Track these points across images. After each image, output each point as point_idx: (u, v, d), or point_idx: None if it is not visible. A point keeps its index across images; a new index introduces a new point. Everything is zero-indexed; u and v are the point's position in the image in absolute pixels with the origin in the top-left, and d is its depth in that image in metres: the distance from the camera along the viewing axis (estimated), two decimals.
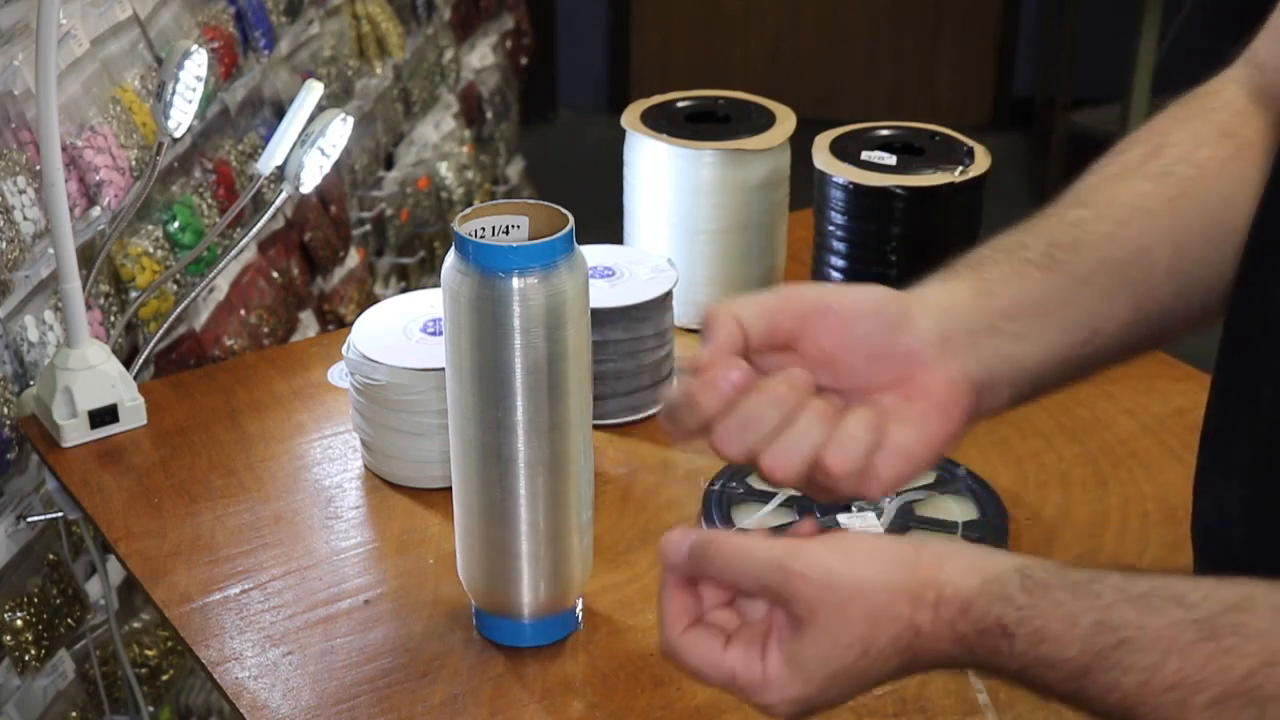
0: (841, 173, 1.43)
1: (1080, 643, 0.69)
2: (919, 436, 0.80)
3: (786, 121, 1.52)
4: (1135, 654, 0.68)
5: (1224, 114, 0.92)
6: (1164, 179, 0.89)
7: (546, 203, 1.02)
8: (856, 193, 1.42)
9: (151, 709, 1.66)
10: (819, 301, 0.82)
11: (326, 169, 1.54)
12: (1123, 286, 0.87)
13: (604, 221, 1.57)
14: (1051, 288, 0.85)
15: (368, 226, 2.56)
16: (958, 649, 0.73)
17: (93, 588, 1.57)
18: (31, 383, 1.46)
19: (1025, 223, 0.88)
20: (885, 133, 1.49)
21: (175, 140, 1.54)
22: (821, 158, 1.45)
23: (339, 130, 1.54)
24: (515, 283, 0.98)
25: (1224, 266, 0.89)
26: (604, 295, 1.33)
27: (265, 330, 1.97)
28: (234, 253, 1.61)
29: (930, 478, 1.27)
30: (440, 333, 1.19)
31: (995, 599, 0.71)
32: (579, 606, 1.13)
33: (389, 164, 2.69)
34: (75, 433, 1.35)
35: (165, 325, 1.60)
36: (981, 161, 1.44)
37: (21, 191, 1.46)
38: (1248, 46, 0.96)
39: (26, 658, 1.47)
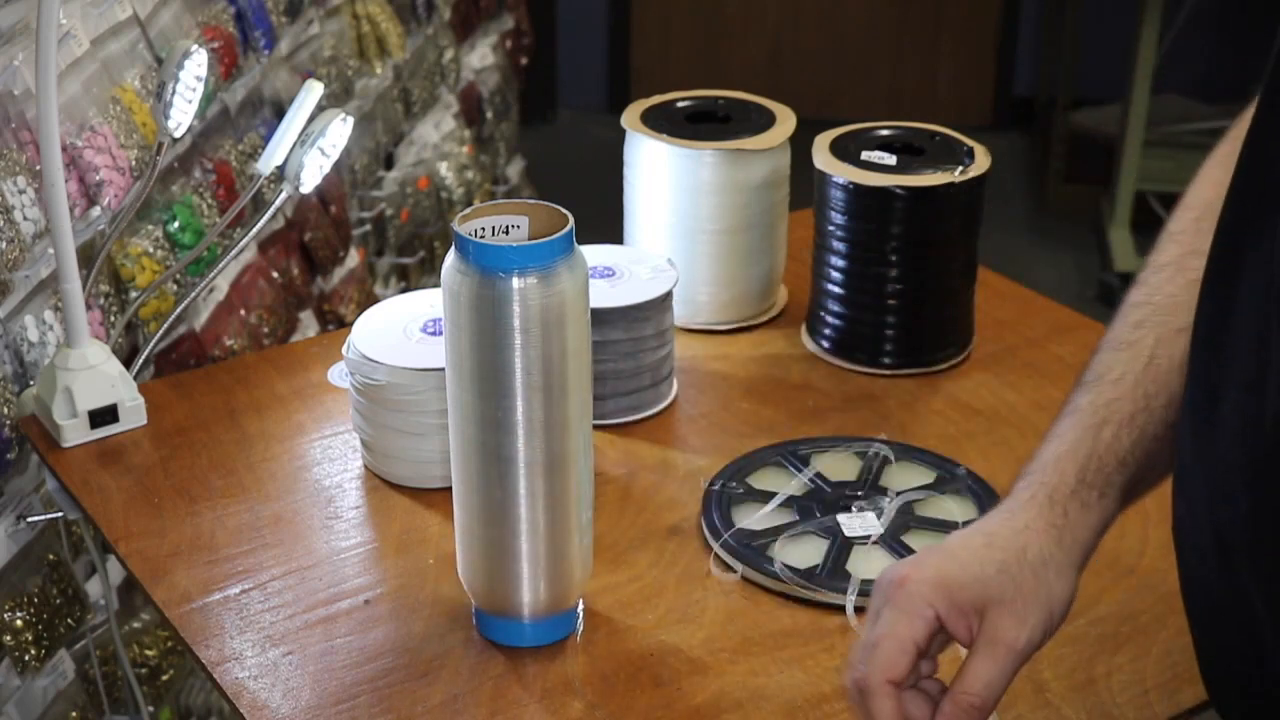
0: (841, 173, 1.43)
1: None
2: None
3: (786, 121, 1.52)
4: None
5: None
6: None
7: (546, 203, 1.02)
8: (856, 193, 1.42)
9: (151, 709, 1.66)
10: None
11: (326, 169, 1.54)
12: None
13: (604, 221, 1.57)
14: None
15: (368, 226, 2.56)
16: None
17: (93, 588, 1.57)
18: (31, 383, 1.46)
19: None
20: (885, 133, 1.49)
21: (175, 140, 1.54)
22: (821, 158, 1.45)
23: (339, 130, 1.54)
24: (515, 283, 0.98)
25: None
26: (604, 295, 1.33)
27: (265, 330, 1.97)
28: (234, 253, 1.61)
29: (930, 477, 1.27)
30: (440, 333, 1.19)
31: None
32: (579, 606, 1.13)
33: (389, 164, 2.69)
34: (75, 433, 1.35)
35: (165, 325, 1.60)
36: (981, 161, 1.44)
37: (21, 191, 1.46)
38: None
39: (26, 658, 1.46)
